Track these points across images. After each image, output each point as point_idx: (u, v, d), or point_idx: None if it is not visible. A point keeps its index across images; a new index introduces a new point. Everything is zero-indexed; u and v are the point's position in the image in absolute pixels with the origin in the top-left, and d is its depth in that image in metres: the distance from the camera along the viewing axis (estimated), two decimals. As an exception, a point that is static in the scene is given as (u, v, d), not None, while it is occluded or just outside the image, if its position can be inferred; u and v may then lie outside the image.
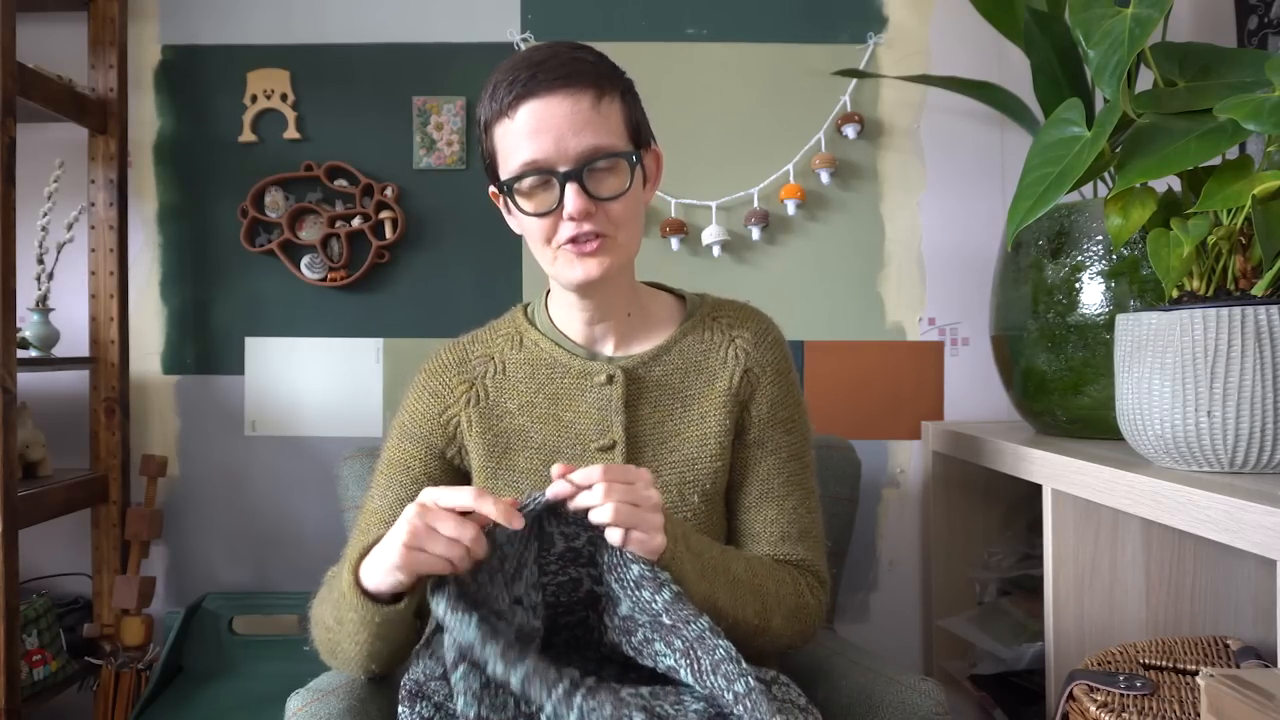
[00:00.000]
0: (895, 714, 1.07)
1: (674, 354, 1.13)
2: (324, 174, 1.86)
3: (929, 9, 1.88)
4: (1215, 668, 0.98)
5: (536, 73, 0.98)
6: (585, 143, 0.99)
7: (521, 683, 0.82)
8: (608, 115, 1.01)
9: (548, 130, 0.98)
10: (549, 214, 1.01)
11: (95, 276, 1.83)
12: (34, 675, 1.65)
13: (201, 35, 1.89)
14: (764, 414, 1.13)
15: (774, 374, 1.15)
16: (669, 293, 1.21)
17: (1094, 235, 1.38)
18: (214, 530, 1.90)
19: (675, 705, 0.88)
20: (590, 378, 1.11)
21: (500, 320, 1.20)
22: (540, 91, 0.98)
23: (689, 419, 1.12)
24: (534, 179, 1.01)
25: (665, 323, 1.16)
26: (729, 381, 1.12)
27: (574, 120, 0.98)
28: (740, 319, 1.17)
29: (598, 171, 1.01)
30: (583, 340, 1.13)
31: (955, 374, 1.90)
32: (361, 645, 0.96)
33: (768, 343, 1.16)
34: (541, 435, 1.11)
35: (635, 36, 1.88)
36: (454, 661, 0.86)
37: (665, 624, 0.89)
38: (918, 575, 1.90)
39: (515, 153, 1.00)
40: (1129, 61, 1.16)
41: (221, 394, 1.90)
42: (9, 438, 1.48)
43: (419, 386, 1.16)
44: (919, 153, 1.89)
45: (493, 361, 1.15)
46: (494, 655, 0.83)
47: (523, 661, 0.83)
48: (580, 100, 0.99)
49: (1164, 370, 1.11)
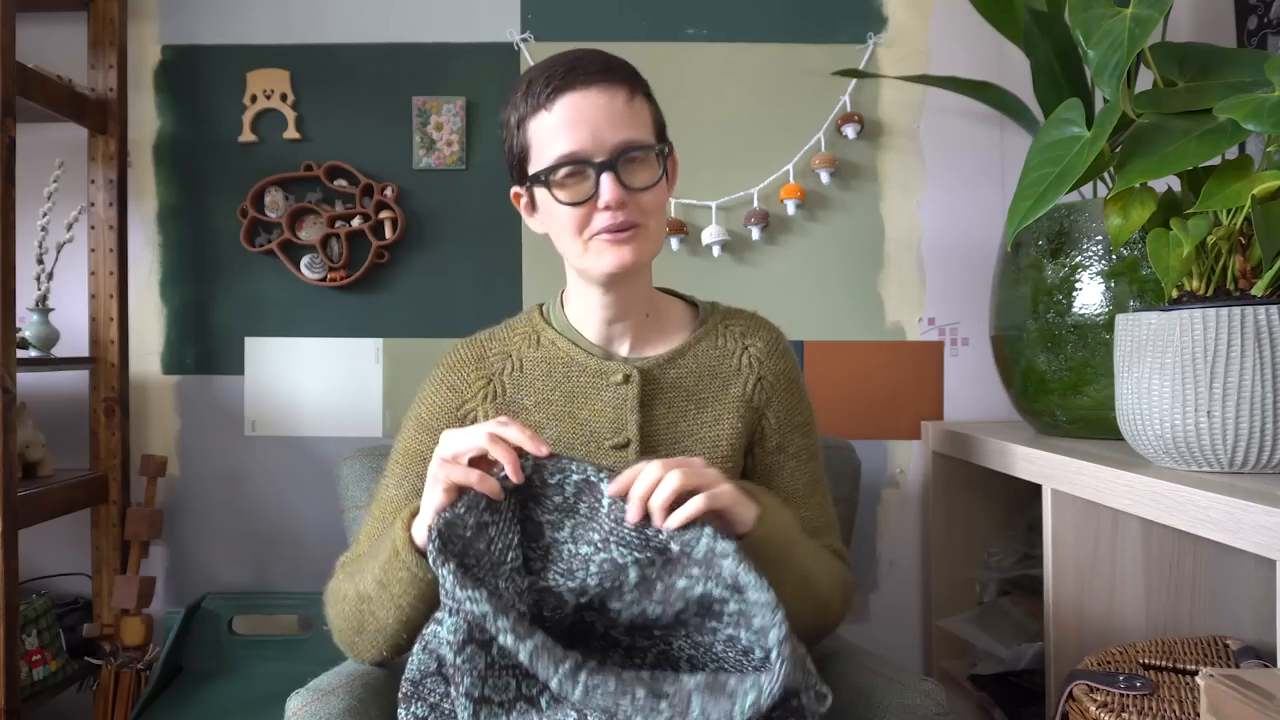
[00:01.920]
0: (895, 714, 1.07)
1: (689, 358, 1.16)
2: (324, 174, 1.86)
3: (929, 9, 1.88)
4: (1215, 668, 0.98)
5: (574, 67, 1.03)
6: (621, 135, 1.03)
7: (530, 655, 0.83)
8: (639, 111, 1.06)
9: (585, 122, 1.02)
10: (584, 203, 1.04)
11: (95, 276, 1.83)
12: (34, 675, 1.65)
13: (201, 35, 1.89)
14: (782, 420, 1.18)
15: (787, 382, 1.20)
16: (680, 299, 1.25)
17: (1094, 235, 1.38)
18: (214, 530, 1.90)
19: (673, 685, 0.89)
20: (606, 377, 1.13)
21: (517, 319, 1.22)
22: (578, 85, 1.03)
23: (703, 420, 1.15)
24: (569, 169, 1.04)
25: (679, 327, 1.19)
26: (743, 388, 1.17)
27: (610, 113, 1.03)
28: (752, 328, 1.21)
29: (632, 163, 1.05)
30: (599, 340, 1.16)
31: (955, 374, 1.90)
32: (403, 609, 0.99)
33: (779, 352, 1.21)
34: (557, 432, 1.13)
35: (635, 36, 1.88)
36: (462, 642, 0.87)
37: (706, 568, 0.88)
38: (918, 575, 1.90)
39: (551, 144, 1.04)
40: (1129, 61, 1.16)
41: (221, 394, 1.90)
42: (9, 438, 1.48)
43: (436, 380, 1.18)
44: (919, 153, 1.89)
45: (510, 359, 1.17)
46: (506, 627, 0.83)
47: (533, 636, 0.84)
48: (616, 95, 1.03)
49: (1164, 370, 1.11)
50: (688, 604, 0.91)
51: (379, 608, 1.00)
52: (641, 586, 0.92)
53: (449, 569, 0.86)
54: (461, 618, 0.87)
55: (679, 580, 0.90)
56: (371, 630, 1.03)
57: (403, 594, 0.98)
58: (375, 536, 1.13)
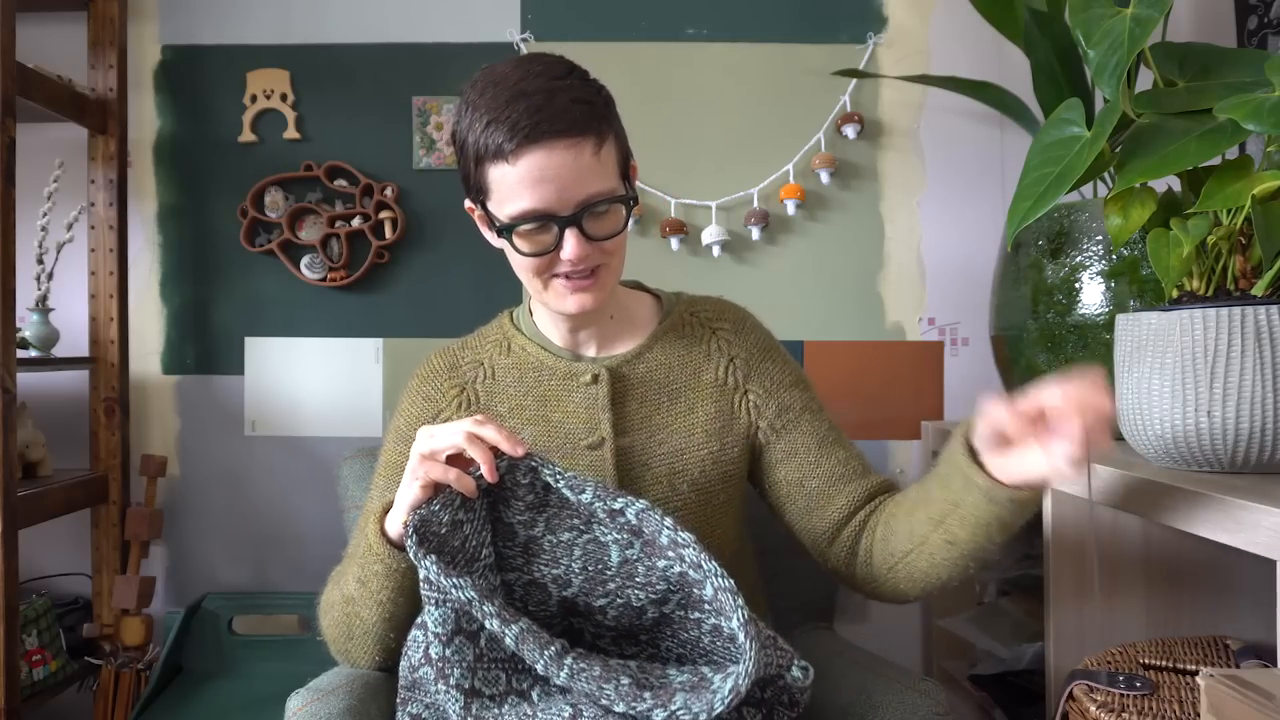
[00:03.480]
0: (895, 714, 1.07)
1: (656, 351, 1.16)
2: (324, 174, 1.86)
3: (929, 9, 1.88)
4: (1215, 668, 0.98)
5: (540, 121, 0.96)
6: (586, 190, 0.99)
7: (517, 639, 0.84)
8: (606, 160, 1.01)
9: (551, 181, 0.98)
10: (546, 254, 1.03)
11: (95, 276, 1.83)
12: (34, 675, 1.65)
13: (201, 35, 1.89)
14: (770, 387, 1.18)
15: (761, 353, 1.19)
16: (646, 292, 1.24)
17: (1094, 235, 1.38)
18: (214, 530, 1.90)
19: (660, 678, 0.89)
20: (576, 378, 1.14)
21: (488, 326, 1.23)
22: (544, 140, 0.96)
23: (676, 411, 1.15)
24: (532, 224, 1.01)
25: (646, 322, 1.19)
26: (715, 373, 1.16)
27: (576, 170, 0.98)
28: (718, 313, 1.21)
29: (596, 215, 1.02)
30: (566, 344, 1.16)
31: (955, 374, 1.90)
32: (384, 605, 0.99)
33: (747, 328, 1.20)
34: (532, 436, 1.13)
35: (635, 36, 1.88)
36: (450, 634, 0.87)
37: (662, 545, 0.89)
38: (918, 575, 1.90)
39: (514, 199, 0.99)
40: (1129, 61, 1.16)
41: (221, 394, 1.90)
42: (9, 438, 1.48)
43: (412, 391, 1.20)
44: (919, 153, 1.89)
45: (482, 367, 1.18)
46: (492, 612, 0.84)
47: (518, 620, 0.85)
48: (583, 151, 0.98)
49: (1164, 370, 1.11)
50: (669, 585, 0.92)
51: (362, 607, 1.01)
52: (624, 570, 0.93)
53: (430, 560, 0.86)
54: (449, 608, 0.88)
55: (659, 561, 0.91)
56: (359, 633, 1.04)
57: (381, 588, 0.99)
58: None
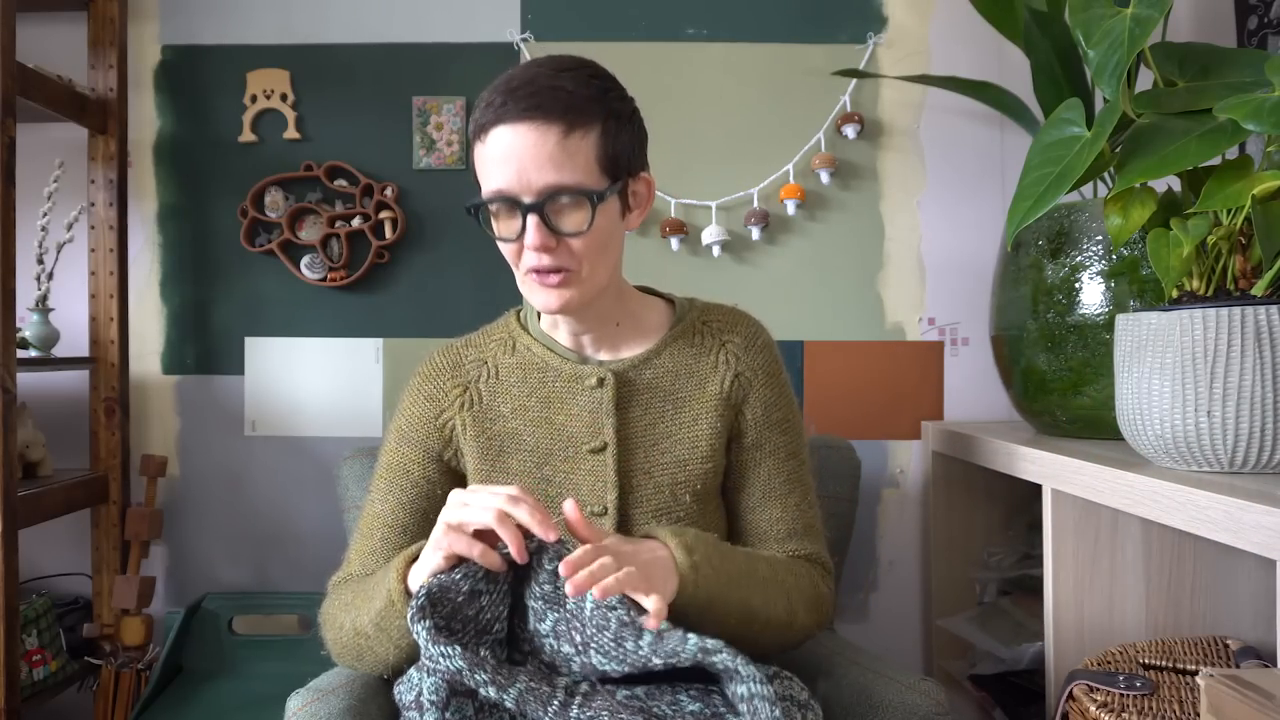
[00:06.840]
0: (895, 714, 1.08)
1: (664, 358, 1.14)
2: (324, 174, 1.86)
3: (929, 9, 1.88)
4: (1215, 668, 0.98)
5: (509, 100, 0.97)
6: (547, 178, 0.98)
7: (517, 701, 0.83)
8: (575, 151, 0.98)
9: (511, 160, 0.98)
10: (514, 240, 1.02)
11: (95, 276, 1.83)
12: (34, 675, 1.65)
13: (201, 35, 1.89)
14: (759, 417, 1.15)
15: (765, 377, 1.16)
16: (659, 297, 1.22)
17: (1094, 235, 1.38)
18: (214, 530, 1.90)
19: (672, 705, 0.88)
20: (581, 381, 1.12)
21: (493, 325, 1.21)
22: (508, 119, 0.97)
23: (680, 421, 1.13)
24: (499, 205, 1.01)
25: (656, 327, 1.17)
26: (720, 385, 1.14)
27: (537, 155, 0.97)
28: (730, 324, 1.18)
29: (560, 206, 1.00)
30: (573, 345, 1.15)
31: (955, 374, 1.90)
32: (403, 649, 0.98)
33: (757, 346, 1.17)
34: (534, 438, 1.11)
35: (635, 36, 1.88)
36: (445, 699, 0.86)
37: (657, 663, 0.87)
38: (918, 575, 1.90)
39: (486, 177, 1.01)
40: (1129, 61, 1.16)
41: (221, 394, 1.90)
42: (9, 438, 1.48)
43: (414, 390, 1.17)
44: (919, 153, 1.89)
45: (486, 365, 1.16)
46: (485, 680, 0.83)
47: (515, 682, 0.84)
48: (547, 134, 0.97)
49: (1164, 370, 1.11)
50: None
51: (378, 645, 1.00)
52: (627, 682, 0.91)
53: (423, 626, 0.85)
54: (440, 678, 0.87)
55: None
56: (370, 660, 1.03)
57: (402, 637, 0.97)
58: (365, 555, 1.12)
